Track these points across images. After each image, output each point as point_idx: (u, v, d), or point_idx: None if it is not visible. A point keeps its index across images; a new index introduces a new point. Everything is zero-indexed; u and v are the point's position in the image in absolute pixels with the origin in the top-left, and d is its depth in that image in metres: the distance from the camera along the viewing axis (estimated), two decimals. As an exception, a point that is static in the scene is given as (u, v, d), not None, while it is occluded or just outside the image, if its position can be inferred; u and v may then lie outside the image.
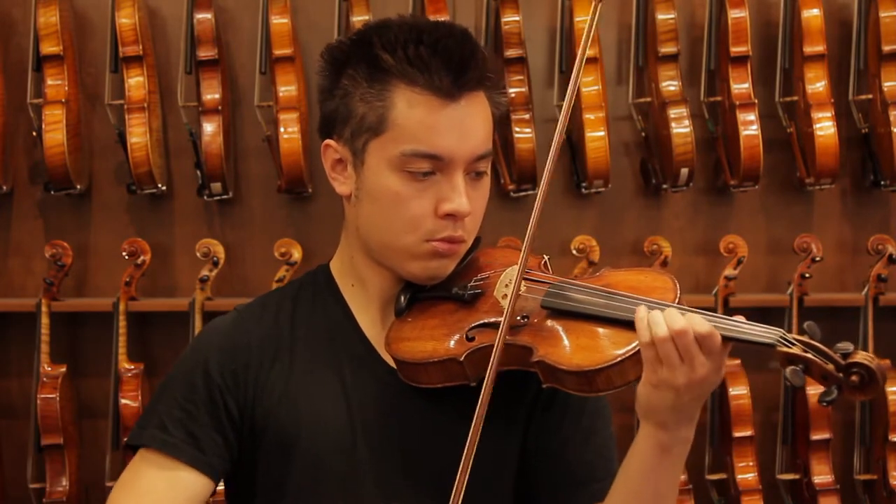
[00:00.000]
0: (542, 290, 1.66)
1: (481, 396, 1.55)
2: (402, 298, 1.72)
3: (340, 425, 1.69)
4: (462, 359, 1.63)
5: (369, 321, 1.75)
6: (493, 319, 1.65)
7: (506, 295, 1.66)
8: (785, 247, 3.95)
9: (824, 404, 1.52)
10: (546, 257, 1.76)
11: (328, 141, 1.72)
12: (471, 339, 1.65)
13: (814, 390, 3.79)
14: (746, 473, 3.80)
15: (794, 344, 1.52)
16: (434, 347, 1.65)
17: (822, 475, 3.81)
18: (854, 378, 1.49)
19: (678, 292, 1.62)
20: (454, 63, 1.63)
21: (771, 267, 4.07)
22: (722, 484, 3.88)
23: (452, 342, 1.66)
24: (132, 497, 1.67)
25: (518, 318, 1.64)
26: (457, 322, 1.68)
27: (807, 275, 3.84)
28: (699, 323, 1.51)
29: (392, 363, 1.70)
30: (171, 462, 1.67)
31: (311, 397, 1.70)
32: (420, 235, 1.66)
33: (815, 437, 3.79)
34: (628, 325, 1.56)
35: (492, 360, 1.57)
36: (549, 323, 1.63)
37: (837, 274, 4.08)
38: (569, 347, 1.59)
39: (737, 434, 3.78)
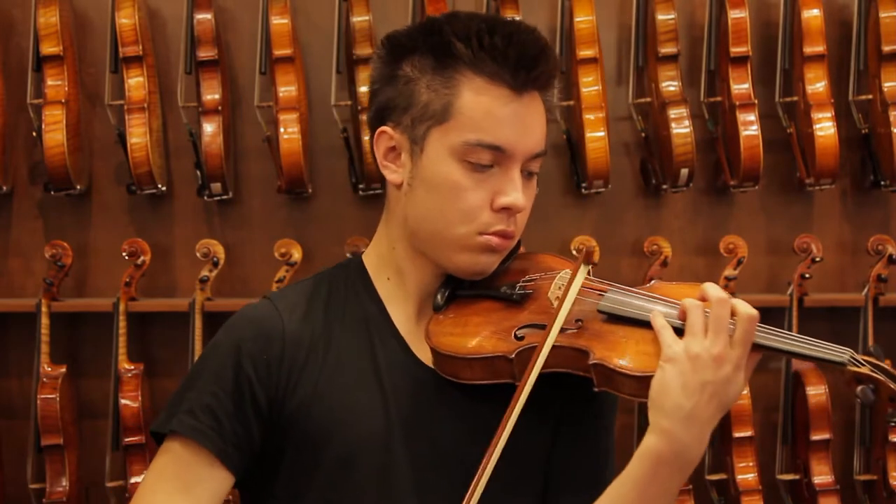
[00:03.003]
0: (596, 294, 1.66)
1: (519, 396, 1.56)
2: (441, 295, 1.72)
3: (375, 421, 1.68)
4: (513, 356, 1.63)
5: (404, 316, 1.74)
6: (543, 321, 1.65)
7: (559, 297, 1.66)
8: (785, 247, 3.95)
9: (892, 424, 1.57)
10: (589, 266, 1.77)
11: (384, 128, 1.71)
12: (520, 339, 1.65)
13: (813, 390, 3.79)
14: (746, 473, 3.80)
15: (863, 364, 1.56)
16: (480, 343, 1.65)
17: (822, 475, 3.81)
18: None
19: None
20: (527, 57, 1.64)
21: (771, 267, 4.06)
22: (722, 484, 3.88)
23: (500, 340, 1.65)
24: (159, 491, 1.66)
25: (573, 321, 1.64)
26: (503, 321, 1.68)
27: (807, 275, 3.84)
28: (744, 304, 1.56)
29: (426, 360, 1.69)
30: (196, 453, 1.66)
31: (345, 392, 1.69)
32: (474, 227, 1.66)
33: (815, 437, 3.79)
34: None
35: (534, 359, 1.57)
36: (606, 328, 1.63)
37: (837, 274, 4.07)
38: (629, 352, 1.59)
39: (737, 434, 3.78)
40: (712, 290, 1.58)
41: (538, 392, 1.63)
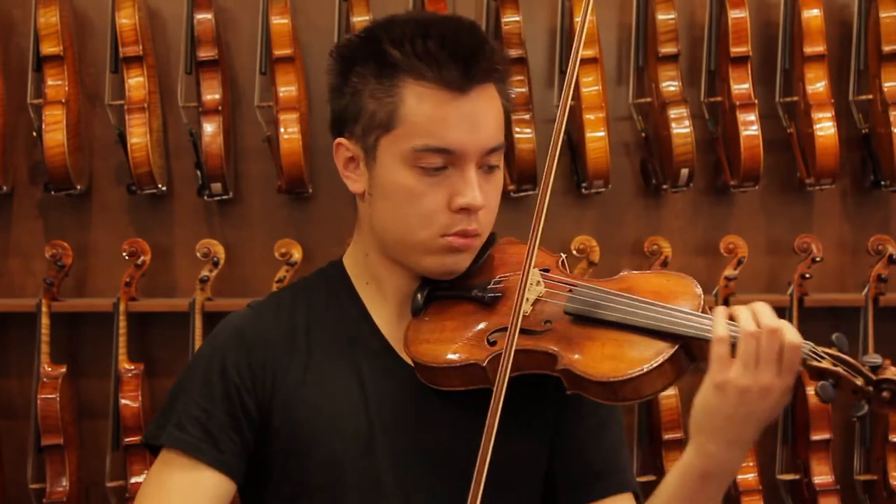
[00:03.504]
0: (564, 293, 1.65)
1: (497, 404, 1.54)
2: (419, 297, 1.71)
3: (358, 424, 1.68)
4: (485, 363, 1.62)
5: (385, 319, 1.74)
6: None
7: (528, 299, 1.65)
8: (785, 247, 3.95)
9: (855, 419, 1.53)
10: (563, 256, 1.77)
11: (339, 139, 1.71)
12: (493, 344, 1.63)
13: (814, 390, 3.79)
14: (746, 473, 3.79)
15: (823, 358, 1.52)
16: (455, 351, 1.64)
17: (822, 475, 3.81)
18: (885, 394, 1.50)
19: (702, 297, 1.62)
20: (462, 55, 1.62)
21: (771, 267, 4.06)
22: (722, 484, 3.88)
23: (474, 346, 1.64)
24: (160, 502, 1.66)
25: (542, 322, 1.63)
26: (477, 324, 1.67)
27: (807, 275, 3.84)
28: (791, 331, 1.52)
29: (410, 361, 1.69)
30: (192, 463, 1.66)
31: (329, 396, 1.69)
32: (435, 230, 1.66)
33: (815, 437, 3.79)
34: (654, 334, 1.57)
35: (502, 362, 1.56)
36: (574, 329, 1.61)
37: (837, 274, 4.07)
38: (595, 356, 1.58)
39: (737, 434, 3.77)
40: (765, 317, 1.53)
41: (523, 396, 1.63)
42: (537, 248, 1.63)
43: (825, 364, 1.52)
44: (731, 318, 1.55)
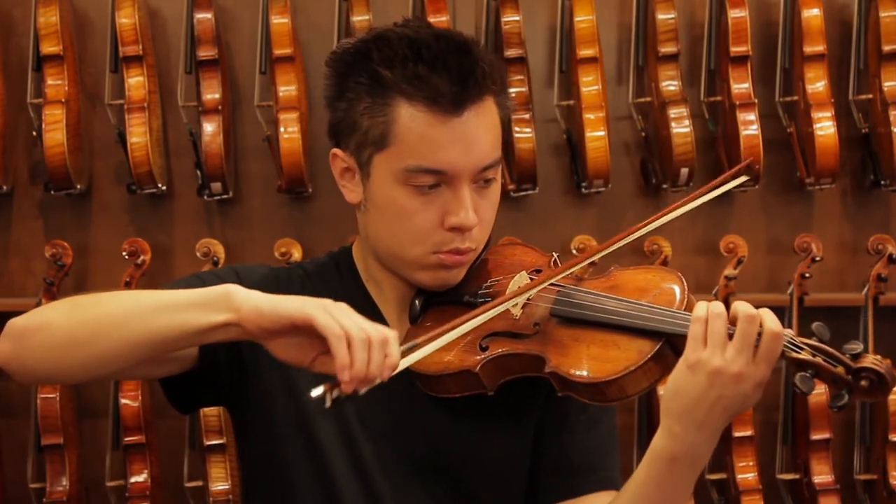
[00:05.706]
0: (552, 295, 1.66)
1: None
2: (417, 303, 1.73)
3: (349, 419, 1.69)
4: (477, 370, 1.63)
5: (396, 317, 1.76)
6: (505, 329, 1.65)
7: (517, 304, 1.66)
8: (785, 247, 3.95)
9: (836, 409, 1.51)
10: (555, 255, 1.77)
11: (335, 150, 1.72)
12: (484, 349, 1.64)
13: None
14: (746, 473, 3.79)
15: (802, 349, 1.51)
16: (448, 359, 1.64)
17: (822, 475, 3.81)
18: (864, 383, 1.48)
19: (686, 291, 1.62)
20: (454, 79, 1.61)
21: (771, 267, 4.06)
22: (722, 484, 3.88)
23: (466, 352, 1.65)
24: None
25: (531, 325, 1.64)
26: (470, 331, 1.66)
27: (807, 275, 3.84)
28: (771, 318, 1.51)
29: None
30: None
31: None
32: (427, 247, 1.67)
33: (815, 436, 3.79)
34: (638, 332, 1.57)
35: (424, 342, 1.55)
36: (561, 331, 1.62)
37: (837, 274, 4.07)
38: (580, 358, 1.58)
39: (737, 434, 3.78)
40: (742, 305, 1.53)
41: (518, 395, 1.66)
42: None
43: (804, 355, 1.50)
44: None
